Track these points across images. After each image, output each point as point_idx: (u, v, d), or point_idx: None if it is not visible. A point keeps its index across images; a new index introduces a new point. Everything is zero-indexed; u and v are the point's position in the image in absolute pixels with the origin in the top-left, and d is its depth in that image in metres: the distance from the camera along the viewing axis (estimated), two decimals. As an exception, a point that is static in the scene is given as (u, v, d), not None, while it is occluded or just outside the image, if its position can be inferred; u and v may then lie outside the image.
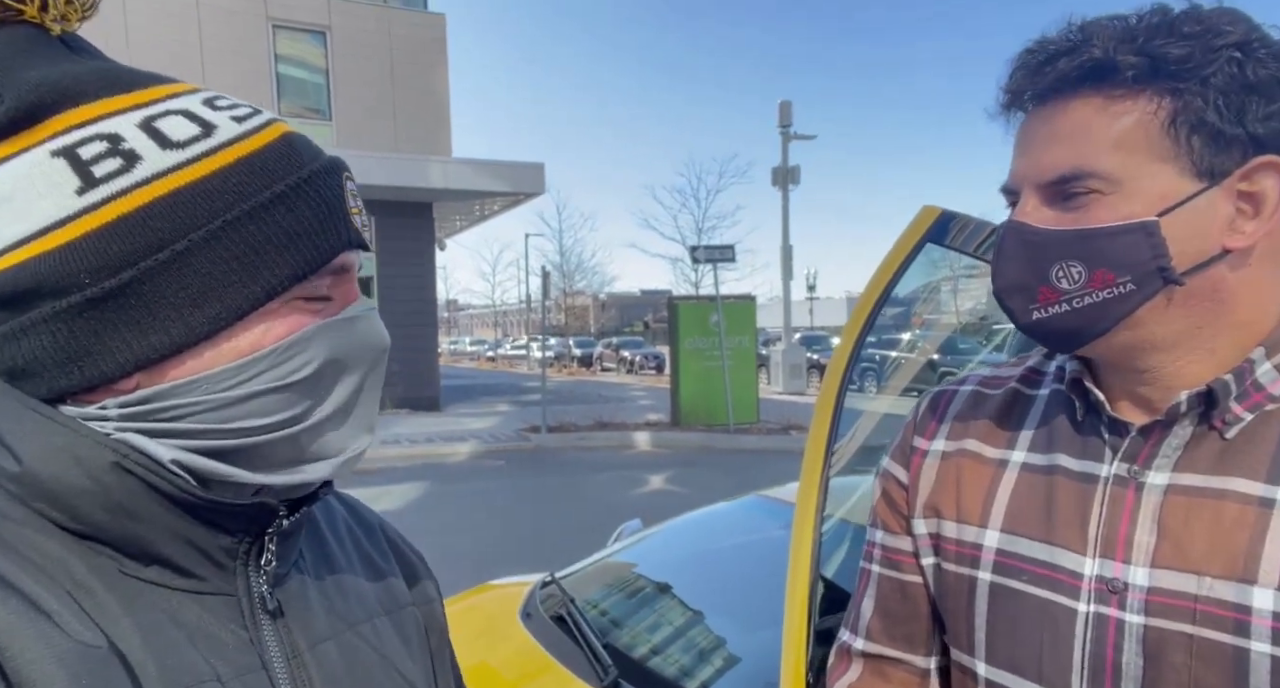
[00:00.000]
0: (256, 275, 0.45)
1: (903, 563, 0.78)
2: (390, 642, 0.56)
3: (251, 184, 0.45)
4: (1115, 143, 0.58)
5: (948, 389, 0.80)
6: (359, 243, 0.50)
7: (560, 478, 8.51)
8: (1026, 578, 0.66)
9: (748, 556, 2.25)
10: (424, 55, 14.92)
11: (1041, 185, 0.61)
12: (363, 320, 0.50)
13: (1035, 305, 0.61)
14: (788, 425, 11.12)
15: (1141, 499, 0.62)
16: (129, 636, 0.43)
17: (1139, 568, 0.61)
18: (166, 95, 0.47)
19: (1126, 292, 0.58)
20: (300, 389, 0.47)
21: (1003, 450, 0.72)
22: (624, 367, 28.42)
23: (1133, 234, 0.58)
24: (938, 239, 1.29)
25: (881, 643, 0.79)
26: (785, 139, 15.96)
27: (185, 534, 0.46)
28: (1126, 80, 0.57)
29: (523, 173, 14.21)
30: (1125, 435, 0.64)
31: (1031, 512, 0.67)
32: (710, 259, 11.96)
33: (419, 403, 14.12)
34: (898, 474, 0.79)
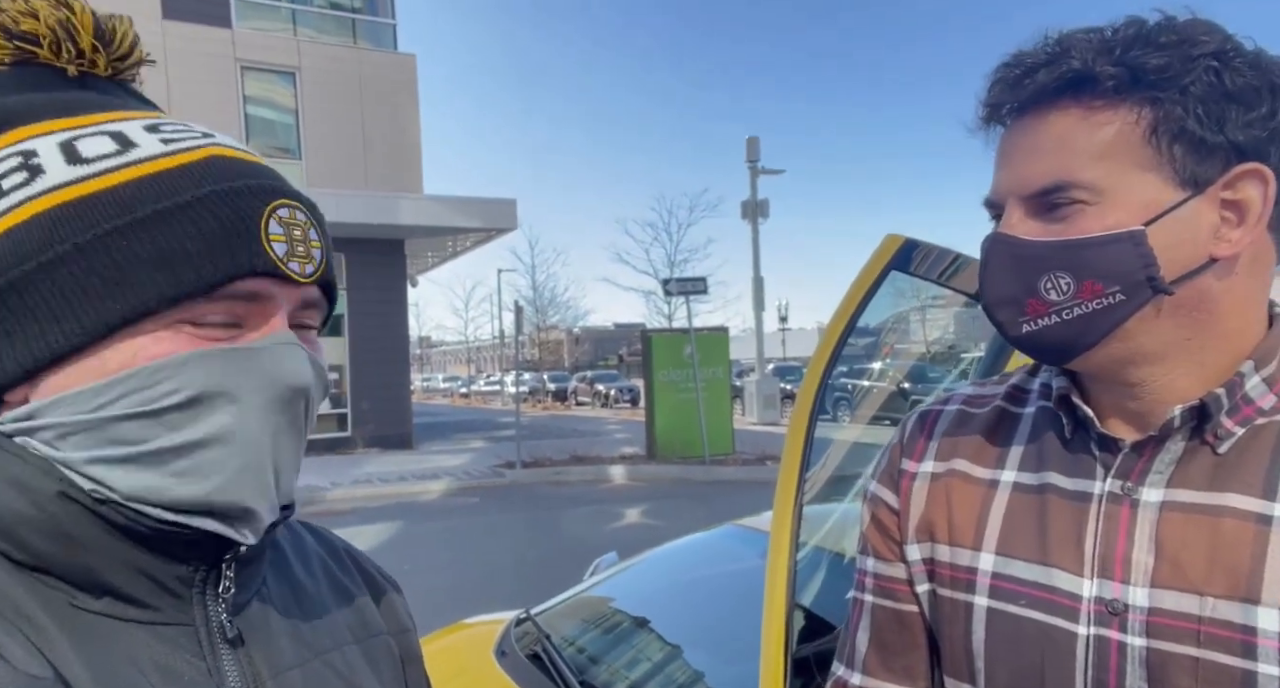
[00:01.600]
0: (119, 292, 0.43)
1: (898, 591, 0.75)
2: (360, 671, 0.54)
3: (137, 199, 0.44)
4: (1098, 153, 0.58)
5: (932, 409, 0.78)
6: (268, 271, 0.46)
7: (535, 513, 8.40)
8: (1024, 602, 0.64)
9: (724, 586, 2.23)
10: (394, 94, 15.03)
11: (1025, 197, 0.60)
12: (265, 353, 0.46)
13: (1025, 318, 0.60)
14: (763, 456, 11.11)
15: (1137, 517, 0.61)
16: (77, 669, 0.42)
17: (1138, 588, 0.59)
18: (115, 119, 0.48)
19: (1116, 302, 0.58)
20: (171, 420, 0.44)
21: (992, 470, 0.70)
22: (599, 400, 28.30)
23: (1120, 244, 0.57)
24: (902, 267, 1.32)
25: (879, 677, 0.76)
26: (754, 173, 16.25)
27: (136, 563, 0.45)
28: (1107, 90, 0.57)
29: (495, 209, 14.27)
30: (1116, 452, 0.63)
31: (1025, 533, 0.66)
32: (683, 291, 12.05)
33: (391, 441, 13.90)
34: (887, 499, 0.77)
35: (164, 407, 0.43)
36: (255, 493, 0.46)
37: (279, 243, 0.47)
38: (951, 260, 1.36)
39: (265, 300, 0.47)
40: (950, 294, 2.03)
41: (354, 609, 0.59)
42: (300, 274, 0.48)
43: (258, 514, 0.46)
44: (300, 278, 0.48)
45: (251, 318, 0.47)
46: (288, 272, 0.47)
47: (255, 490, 0.46)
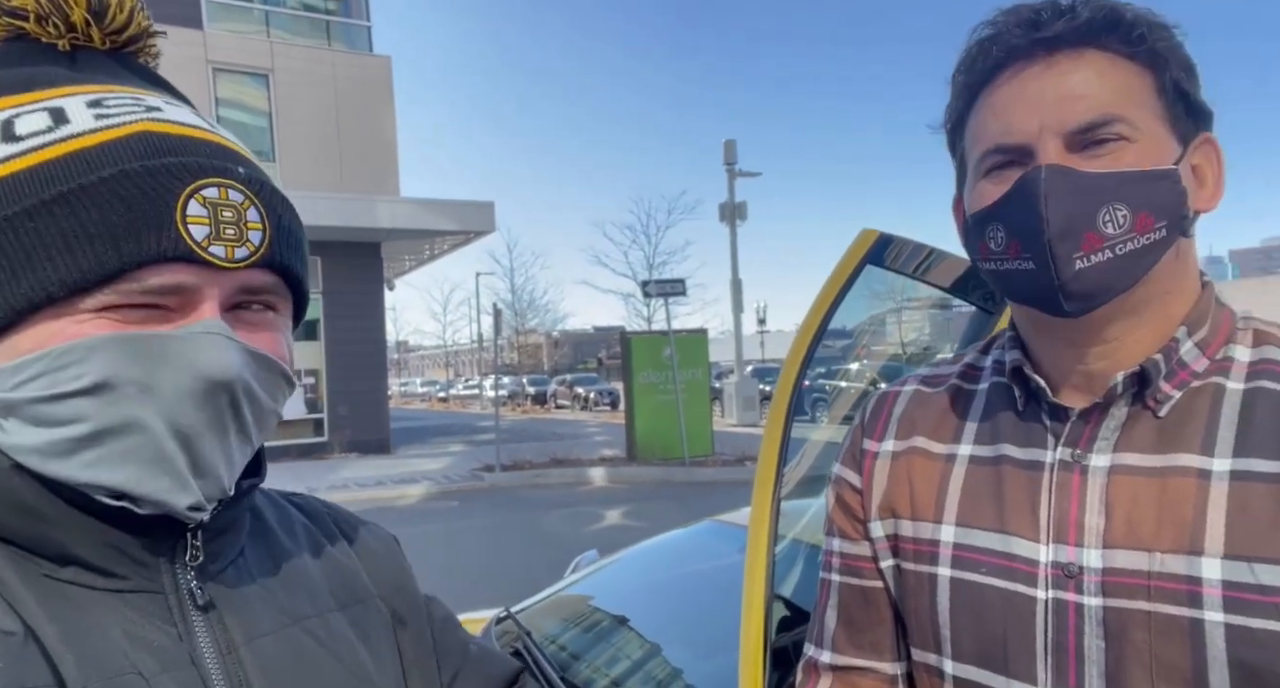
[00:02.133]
0: (20, 278, 0.42)
1: (863, 569, 0.77)
2: (341, 637, 0.54)
3: (46, 181, 0.43)
4: (1131, 94, 0.60)
5: (890, 391, 0.81)
6: (183, 256, 0.43)
7: (515, 516, 8.36)
8: (985, 570, 0.66)
9: (704, 581, 2.24)
10: (369, 96, 14.91)
11: (1067, 132, 0.60)
12: (181, 343, 0.43)
13: (1080, 253, 0.59)
14: (743, 457, 11.15)
15: (1087, 482, 0.63)
16: (46, 628, 0.42)
17: (1092, 550, 0.61)
18: (63, 95, 0.47)
19: (1160, 238, 0.59)
20: (80, 406, 0.42)
21: (950, 445, 0.72)
22: (578, 403, 28.24)
23: (1167, 179, 0.59)
24: (877, 261, 1.33)
25: (848, 654, 0.78)
26: (731, 176, 16.34)
27: (99, 535, 0.45)
28: (1128, 40, 0.60)
29: (472, 212, 14.20)
30: (1066, 420, 0.65)
31: (983, 503, 0.68)
32: (662, 293, 12.07)
33: (368, 446, 13.76)
34: (850, 479, 0.79)
35: (71, 391, 0.42)
36: (169, 487, 0.44)
37: (199, 225, 0.44)
38: (925, 255, 1.38)
39: (187, 289, 0.44)
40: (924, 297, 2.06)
41: (339, 576, 0.58)
42: (226, 259, 0.45)
43: (175, 508, 0.44)
44: (226, 263, 0.45)
45: (177, 306, 0.45)
46: (207, 256, 0.44)
47: (169, 485, 0.44)
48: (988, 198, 0.64)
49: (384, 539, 0.67)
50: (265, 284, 0.48)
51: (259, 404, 0.48)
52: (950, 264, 1.42)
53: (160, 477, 0.44)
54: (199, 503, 0.45)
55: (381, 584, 0.62)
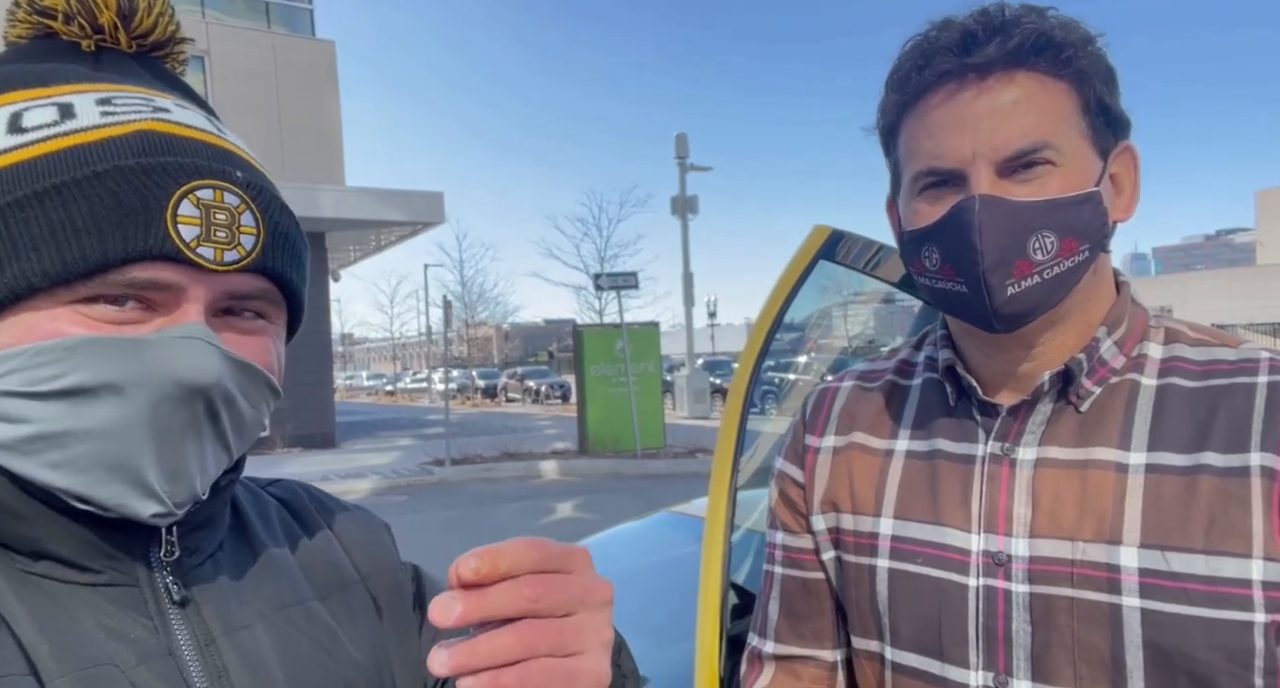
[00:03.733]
0: (4, 267, 0.42)
1: (804, 561, 0.79)
2: (323, 626, 0.54)
3: (41, 172, 0.43)
4: (1058, 116, 0.61)
5: (829, 386, 0.83)
6: (169, 255, 0.43)
7: (466, 510, 8.28)
8: (921, 560, 0.69)
9: (660, 571, 2.27)
10: (312, 82, 14.50)
11: (1000, 159, 0.61)
12: (157, 347, 0.43)
13: (1011, 280, 0.61)
14: (694, 449, 11.25)
15: (1016, 474, 0.66)
16: (22, 619, 0.42)
17: (1019, 539, 0.64)
18: (76, 91, 0.47)
19: (1084, 259, 0.62)
20: (52, 406, 0.42)
21: (887, 440, 0.75)
22: (529, 397, 28.06)
23: (1091, 203, 0.62)
24: (829, 256, 1.37)
25: (790, 643, 0.80)
26: (682, 170, 16.39)
27: (71, 531, 0.44)
28: (1056, 61, 0.61)
29: (421, 202, 13.95)
30: (996, 416, 0.68)
31: (919, 496, 0.71)
32: (614, 286, 12.07)
33: (313, 440, 13.44)
34: (793, 474, 0.81)
35: (46, 391, 0.41)
36: (131, 494, 0.43)
37: (189, 226, 0.43)
38: (875, 251, 1.42)
39: (172, 288, 0.44)
40: (871, 291, 2.11)
41: (319, 564, 0.58)
42: (215, 261, 0.44)
43: (138, 516, 0.43)
44: (213, 265, 0.44)
45: (160, 307, 0.44)
46: (194, 257, 0.43)
47: (133, 491, 0.43)
48: (923, 218, 0.65)
49: (369, 524, 0.66)
50: (255, 290, 0.48)
51: (239, 413, 0.47)
52: (899, 260, 1.47)
53: (122, 483, 0.43)
54: (163, 512, 0.44)
55: (365, 569, 0.61)
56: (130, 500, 0.43)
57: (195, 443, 0.45)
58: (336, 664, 0.53)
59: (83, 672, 0.42)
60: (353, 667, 0.54)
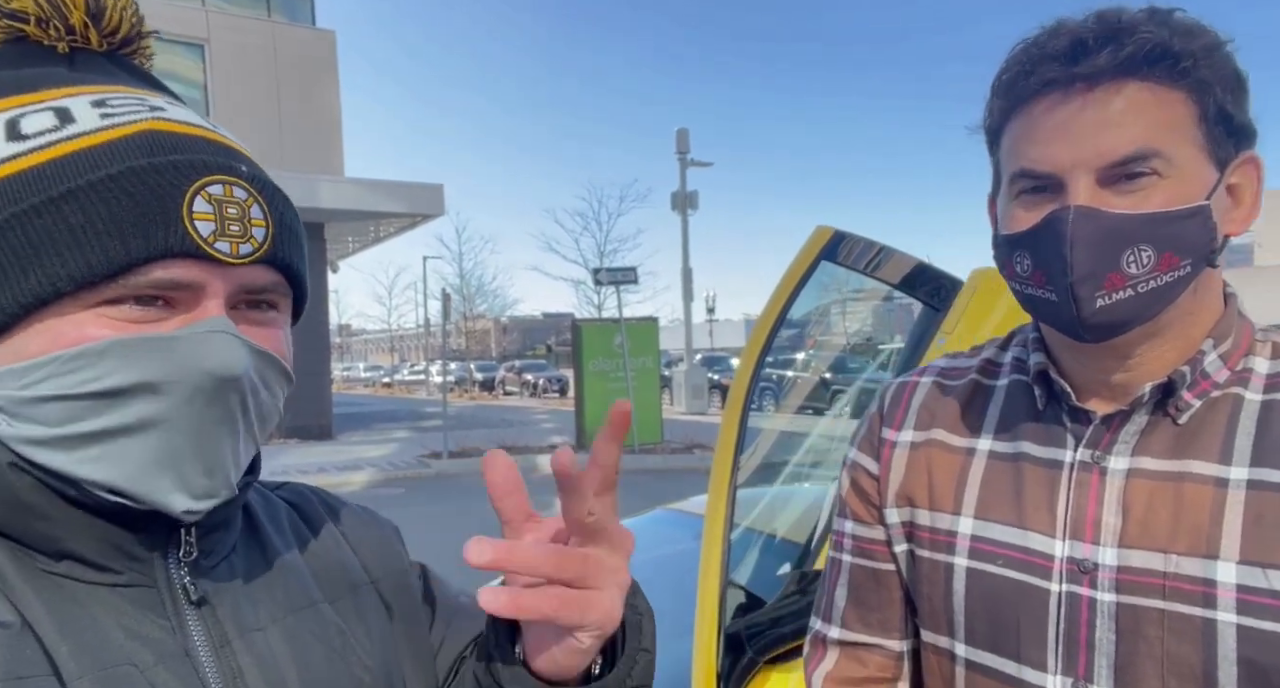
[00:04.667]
0: (31, 272, 0.42)
1: (875, 551, 0.79)
2: (334, 628, 0.54)
3: (55, 177, 0.43)
4: (1168, 127, 0.59)
5: (909, 381, 0.82)
6: (189, 252, 0.43)
7: (463, 504, 8.28)
8: (1001, 562, 0.69)
9: (657, 568, 2.28)
10: (312, 72, 14.43)
11: (1101, 167, 0.60)
12: (188, 342, 0.44)
13: (1101, 292, 0.60)
14: (691, 445, 11.27)
15: (1106, 483, 0.65)
16: (43, 620, 0.42)
17: (1108, 548, 0.64)
18: (68, 95, 0.47)
19: (1184, 274, 0.60)
20: (90, 406, 0.43)
21: (969, 439, 0.75)
22: (527, 390, 28.06)
23: (1198, 217, 0.60)
24: (831, 257, 1.37)
25: (856, 630, 0.81)
26: (683, 165, 16.37)
27: (94, 531, 0.45)
28: (1173, 71, 0.59)
29: (420, 194, 13.91)
30: (1087, 424, 0.67)
31: (1002, 498, 0.70)
32: (613, 281, 12.06)
33: (309, 432, 13.43)
34: (867, 465, 0.80)
35: (82, 393, 0.43)
36: (171, 486, 0.44)
37: (205, 221, 0.44)
38: (876, 252, 1.42)
39: (193, 286, 0.45)
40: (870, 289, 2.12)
41: (329, 567, 0.59)
42: (231, 255, 0.45)
43: (171, 509, 0.44)
44: (231, 259, 0.45)
45: (183, 301, 0.45)
46: (212, 252, 0.44)
47: (171, 484, 0.44)
48: (1018, 224, 0.64)
49: (379, 526, 0.67)
50: (268, 282, 0.49)
51: (262, 402, 0.48)
52: (899, 261, 1.47)
53: (161, 477, 0.44)
54: (196, 507, 0.45)
55: (375, 571, 0.62)
56: (165, 494, 0.44)
57: (230, 434, 0.46)
58: (347, 667, 0.53)
59: (103, 672, 0.42)
60: (362, 669, 0.54)
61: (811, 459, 2.07)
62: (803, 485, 2.03)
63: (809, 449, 2.09)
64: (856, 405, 2.35)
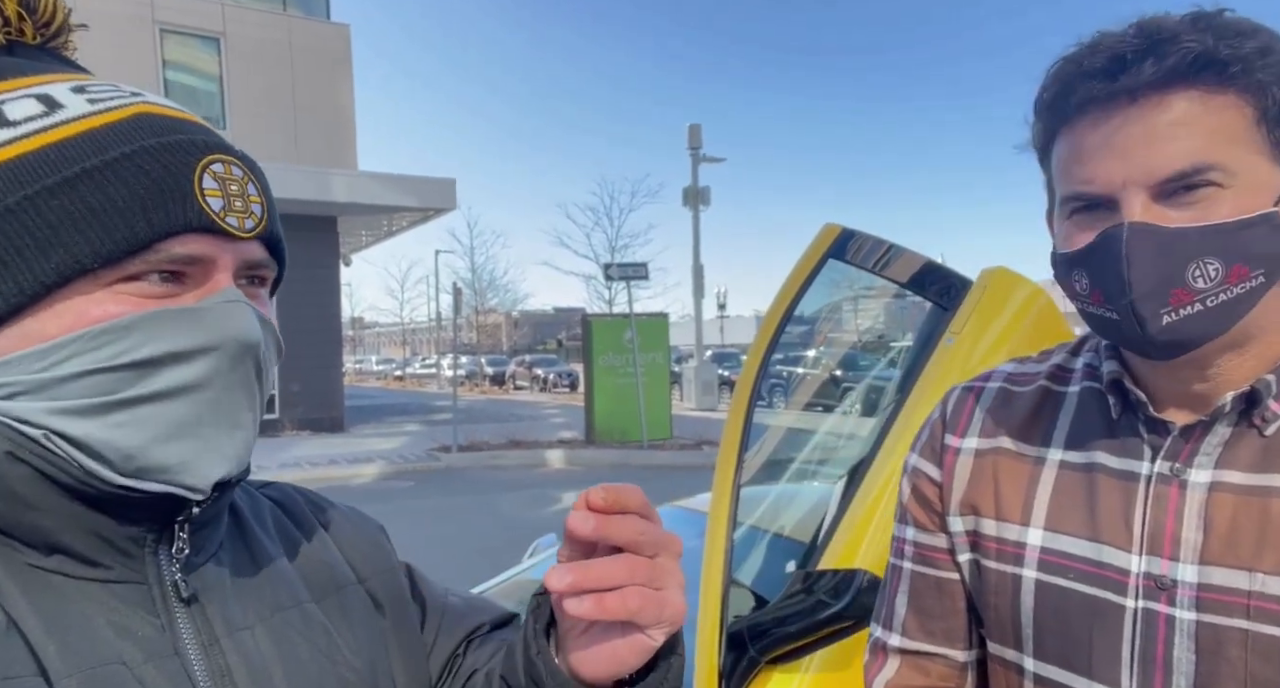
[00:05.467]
0: (53, 251, 0.43)
1: (938, 560, 0.77)
2: (320, 628, 0.54)
3: (63, 159, 0.44)
4: (1224, 135, 0.57)
5: (974, 386, 0.80)
6: (204, 226, 0.45)
7: (472, 497, 8.32)
8: (1073, 575, 0.66)
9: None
10: (326, 66, 14.49)
11: (1154, 183, 0.58)
12: (211, 313, 0.46)
13: (1167, 309, 0.58)
14: (701, 441, 11.27)
15: (1186, 497, 0.62)
16: (29, 618, 0.42)
17: (1187, 565, 0.61)
18: (39, 83, 0.47)
19: (1257, 285, 0.58)
20: (120, 379, 0.44)
21: (1039, 448, 0.72)
22: (537, 385, 28.12)
23: (1262, 226, 0.57)
24: (839, 255, 1.36)
25: (918, 639, 0.79)
26: (695, 161, 16.32)
27: (86, 524, 0.45)
28: (1223, 76, 0.57)
29: (433, 188, 13.95)
30: (1164, 435, 0.64)
31: (1074, 510, 0.68)
32: (624, 277, 12.07)
33: (321, 424, 13.52)
34: (929, 472, 0.78)
35: (113, 366, 0.43)
36: (205, 450, 0.46)
37: (214, 198, 0.46)
38: (885, 250, 1.41)
39: (204, 260, 0.46)
40: (882, 285, 2.11)
41: (315, 567, 0.59)
42: (239, 229, 0.47)
43: (208, 471, 0.46)
44: (240, 233, 0.47)
45: (193, 276, 0.46)
46: (225, 226, 0.46)
47: (205, 448, 0.46)
48: (1073, 243, 0.63)
49: (365, 526, 0.67)
50: (263, 257, 0.50)
51: (268, 370, 0.50)
52: (908, 260, 1.46)
53: (192, 439, 0.45)
54: (228, 463, 0.47)
55: (362, 570, 0.62)
56: (200, 457, 0.45)
57: (248, 399, 0.48)
58: (333, 667, 0.53)
59: (91, 671, 0.42)
60: (349, 669, 0.54)
61: (819, 457, 2.06)
62: (810, 483, 2.02)
63: (816, 446, 2.08)
64: (866, 402, 2.34)
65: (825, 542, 1.24)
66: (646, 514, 0.47)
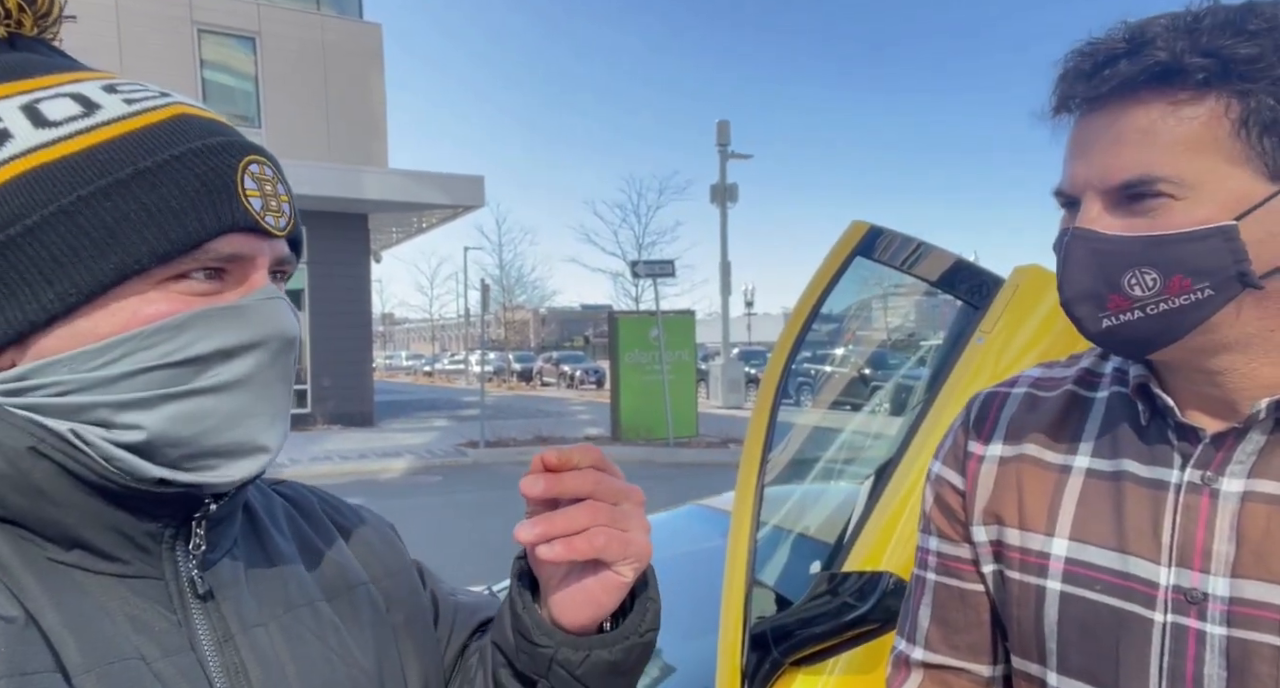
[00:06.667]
0: (108, 253, 0.44)
1: (962, 571, 0.75)
2: (331, 626, 0.55)
3: (115, 160, 0.45)
4: (1185, 146, 0.56)
5: (998, 392, 0.78)
6: (249, 225, 0.47)
7: (499, 493, 8.39)
8: (1100, 587, 0.64)
9: (685, 564, 2.27)
10: (359, 64, 14.67)
11: (1106, 190, 0.59)
12: (254, 309, 0.48)
13: (1105, 313, 0.59)
14: (726, 439, 11.24)
15: (1218, 507, 0.60)
16: (48, 613, 0.43)
17: (1219, 578, 0.59)
18: (69, 81, 0.48)
19: (1204, 297, 0.57)
20: (178, 371, 0.45)
21: (1064, 456, 0.70)
22: (564, 381, 28.25)
23: (1211, 239, 0.56)
24: (867, 253, 1.34)
25: (942, 653, 0.77)
26: (723, 157, 16.25)
27: (106, 519, 0.45)
28: (1194, 82, 0.56)
29: (462, 185, 14.06)
30: (1195, 442, 0.62)
31: (1100, 519, 0.66)
32: (651, 274, 12.06)
33: (352, 419, 13.73)
34: (952, 480, 0.76)
35: (165, 363, 0.45)
36: (262, 434, 0.48)
37: (255, 198, 0.48)
38: (914, 248, 1.39)
39: (245, 258, 0.48)
40: (912, 283, 2.08)
41: (327, 565, 0.59)
42: (275, 228, 0.49)
43: (249, 463, 0.48)
44: (276, 231, 0.49)
45: (235, 273, 0.48)
46: (265, 226, 0.48)
47: (261, 433, 0.48)
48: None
49: (377, 525, 0.67)
50: (289, 254, 0.52)
51: (297, 362, 0.52)
52: (938, 257, 1.43)
53: (252, 428, 0.48)
54: (279, 444, 0.49)
55: (373, 570, 0.63)
56: (263, 438, 0.48)
57: (286, 391, 0.50)
58: (344, 666, 0.54)
59: (109, 666, 0.43)
60: (358, 669, 0.55)
61: (845, 456, 2.04)
62: (836, 483, 2.00)
63: (843, 445, 2.06)
64: (894, 402, 2.31)
65: (851, 543, 1.22)
66: (603, 467, 0.51)
